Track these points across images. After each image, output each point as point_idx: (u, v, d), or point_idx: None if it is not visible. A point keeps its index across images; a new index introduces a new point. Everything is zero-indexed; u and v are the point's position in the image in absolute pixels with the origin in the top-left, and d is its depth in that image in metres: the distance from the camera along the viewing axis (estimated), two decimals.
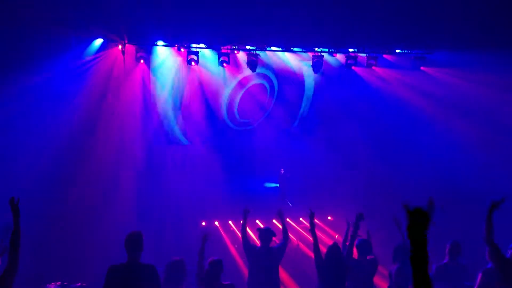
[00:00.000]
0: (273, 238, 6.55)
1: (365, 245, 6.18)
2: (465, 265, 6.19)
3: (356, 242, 6.10)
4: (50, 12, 7.57)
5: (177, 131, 10.95)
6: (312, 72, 10.72)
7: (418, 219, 2.06)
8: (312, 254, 9.25)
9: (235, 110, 11.47)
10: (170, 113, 10.78)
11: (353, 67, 10.56)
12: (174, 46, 10.10)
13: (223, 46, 10.00)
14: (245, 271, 7.60)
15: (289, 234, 6.72)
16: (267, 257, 6.30)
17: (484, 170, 8.78)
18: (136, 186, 9.69)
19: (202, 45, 10.01)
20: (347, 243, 6.08)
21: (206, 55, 10.37)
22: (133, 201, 9.43)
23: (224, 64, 10.03)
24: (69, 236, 8.69)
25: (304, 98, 11.43)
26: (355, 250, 6.11)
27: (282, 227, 6.57)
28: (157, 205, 9.87)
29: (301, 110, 11.54)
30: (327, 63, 10.68)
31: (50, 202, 8.56)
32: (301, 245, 9.89)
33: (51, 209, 8.54)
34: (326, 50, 10.43)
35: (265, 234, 6.44)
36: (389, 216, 8.97)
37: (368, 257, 6.18)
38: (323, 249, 5.89)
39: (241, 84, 11.23)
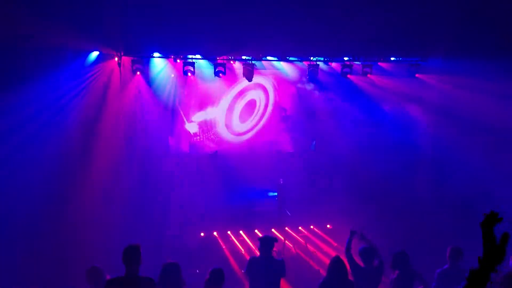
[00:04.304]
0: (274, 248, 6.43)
1: (367, 252, 6.00)
2: (466, 270, 6.11)
3: (359, 249, 6.03)
4: (46, 26, 7.60)
5: (174, 140, 10.99)
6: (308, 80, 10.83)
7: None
8: (312, 263, 9.30)
9: (234, 120, 11.53)
10: (167, 123, 10.84)
11: (348, 75, 10.61)
12: (170, 57, 10.16)
13: (219, 56, 10.06)
14: (244, 282, 7.55)
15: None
16: (269, 267, 6.14)
17: (481, 175, 8.79)
18: (134, 197, 9.65)
19: (198, 56, 10.07)
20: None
21: (202, 65, 10.43)
22: (131, 212, 9.38)
23: (220, 75, 10.07)
24: (67, 244, 8.62)
25: (298, 106, 11.51)
26: (359, 258, 6.05)
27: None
28: (155, 216, 9.84)
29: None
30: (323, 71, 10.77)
31: (48, 212, 8.54)
32: (310, 247, 9.97)
33: (49, 219, 8.52)
34: (322, 59, 10.51)
35: (266, 242, 6.20)
36: (387, 222, 8.96)
37: (374, 264, 6.00)
38: (326, 260, 5.82)
39: (239, 93, 11.34)
